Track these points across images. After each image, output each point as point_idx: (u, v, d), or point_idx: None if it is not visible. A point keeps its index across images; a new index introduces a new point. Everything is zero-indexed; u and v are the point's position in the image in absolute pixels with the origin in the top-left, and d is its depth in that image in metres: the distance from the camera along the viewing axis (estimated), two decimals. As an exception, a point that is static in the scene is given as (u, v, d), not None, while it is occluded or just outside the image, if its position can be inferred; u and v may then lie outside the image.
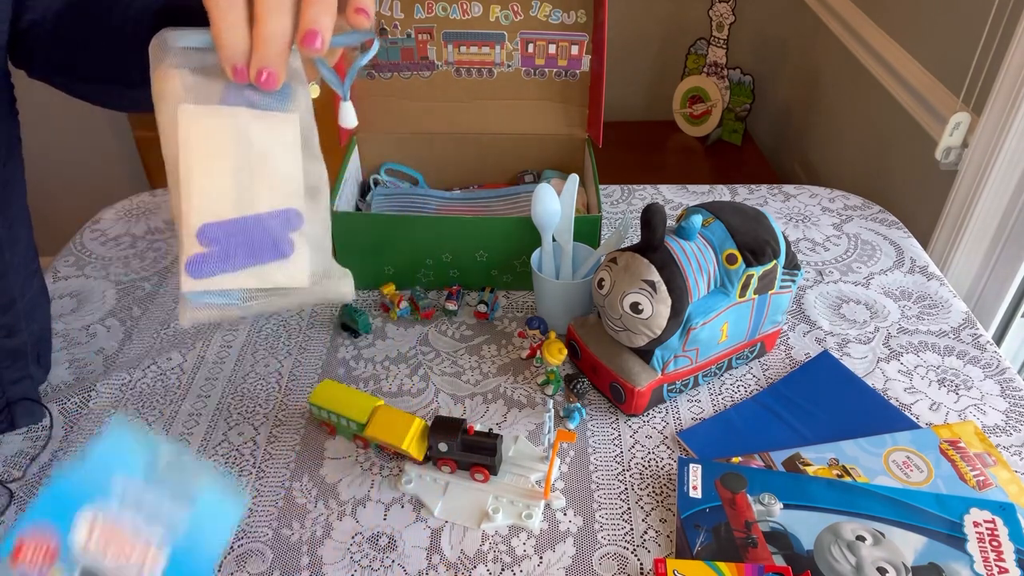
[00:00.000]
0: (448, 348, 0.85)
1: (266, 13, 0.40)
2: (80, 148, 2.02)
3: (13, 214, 0.69)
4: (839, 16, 1.51)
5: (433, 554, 0.64)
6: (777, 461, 0.69)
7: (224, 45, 0.40)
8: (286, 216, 0.42)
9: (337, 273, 0.45)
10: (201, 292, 0.41)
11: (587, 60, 0.97)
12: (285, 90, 0.43)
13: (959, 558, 0.59)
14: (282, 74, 0.41)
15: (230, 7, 0.40)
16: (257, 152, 0.42)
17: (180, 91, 0.41)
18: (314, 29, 0.39)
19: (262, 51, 0.40)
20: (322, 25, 0.40)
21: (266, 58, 0.40)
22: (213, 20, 0.40)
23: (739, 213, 0.74)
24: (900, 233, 1.03)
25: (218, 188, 0.41)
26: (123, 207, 1.11)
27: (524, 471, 0.69)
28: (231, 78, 0.41)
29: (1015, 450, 0.71)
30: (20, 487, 0.69)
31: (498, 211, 0.97)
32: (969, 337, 0.85)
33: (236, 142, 0.41)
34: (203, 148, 0.41)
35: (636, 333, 0.70)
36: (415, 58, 0.98)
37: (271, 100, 0.43)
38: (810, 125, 1.71)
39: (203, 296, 0.41)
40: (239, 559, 0.63)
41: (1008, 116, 0.97)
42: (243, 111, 0.42)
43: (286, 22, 0.40)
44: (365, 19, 0.42)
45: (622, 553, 0.64)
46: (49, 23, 0.62)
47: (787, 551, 0.60)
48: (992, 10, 1.01)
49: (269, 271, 0.42)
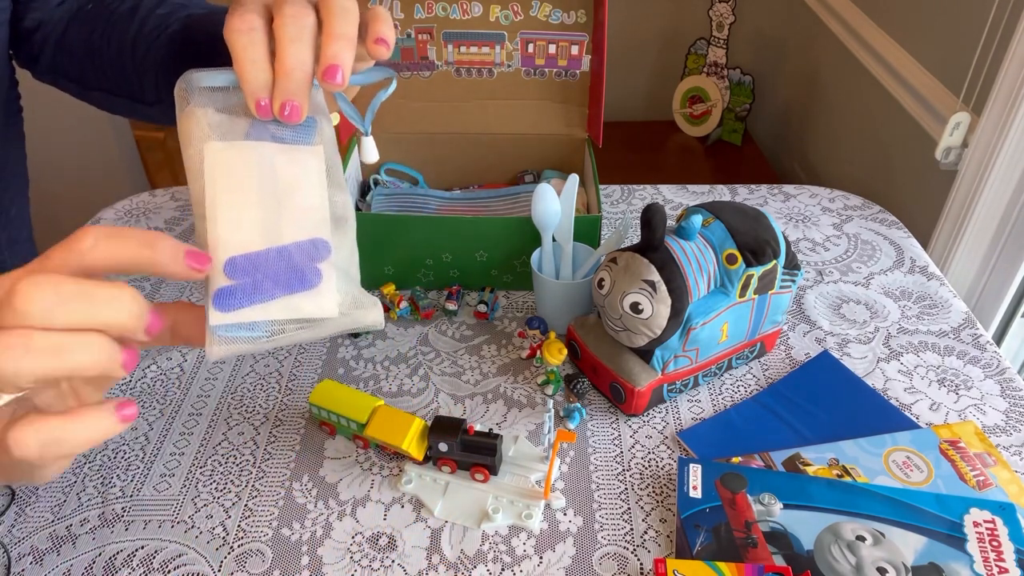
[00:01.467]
0: (448, 348, 0.85)
1: (287, 46, 0.40)
2: (80, 148, 2.02)
3: (13, 215, 0.69)
4: (839, 16, 1.51)
5: (433, 554, 0.64)
6: (777, 461, 0.69)
7: (247, 80, 0.40)
8: (313, 246, 0.42)
9: (367, 303, 0.44)
10: (228, 325, 0.40)
11: (587, 60, 0.97)
12: (309, 123, 0.43)
13: (959, 558, 0.59)
14: (305, 107, 0.41)
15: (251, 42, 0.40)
16: (283, 184, 0.42)
17: (206, 129, 0.41)
18: (335, 64, 0.40)
19: (284, 84, 0.40)
20: (343, 60, 0.40)
21: (288, 91, 0.40)
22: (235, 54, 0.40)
23: (739, 213, 0.74)
24: (900, 233, 1.03)
25: (245, 221, 0.41)
26: (123, 207, 1.11)
27: (524, 471, 0.69)
28: (255, 113, 0.41)
29: (1015, 450, 0.71)
30: (22, 487, 0.69)
31: (498, 211, 0.97)
32: (969, 337, 0.85)
33: (261, 175, 0.41)
34: (228, 182, 0.41)
35: (636, 333, 0.70)
36: (415, 58, 0.98)
37: (295, 134, 0.43)
38: (810, 125, 1.71)
39: (231, 329, 0.40)
40: (239, 559, 0.63)
41: (1008, 116, 0.97)
42: (268, 145, 0.42)
43: (307, 54, 0.40)
44: (385, 49, 0.42)
45: (622, 553, 0.64)
46: (57, 27, 0.62)
47: (787, 551, 0.60)
48: (992, 10, 1.01)
49: (298, 302, 0.41)
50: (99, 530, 0.66)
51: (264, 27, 0.40)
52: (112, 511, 0.67)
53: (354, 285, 0.44)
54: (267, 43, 0.40)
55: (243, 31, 0.39)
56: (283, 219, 0.41)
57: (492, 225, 0.86)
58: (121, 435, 0.74)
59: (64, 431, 0.34)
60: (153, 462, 0.72)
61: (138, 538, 0.65)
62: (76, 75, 0.63)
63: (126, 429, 0.38)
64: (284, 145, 0.42)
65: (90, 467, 0.71)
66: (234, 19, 0.40)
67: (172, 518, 0.67)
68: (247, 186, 0.41)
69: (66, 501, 0.68)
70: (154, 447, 0.73)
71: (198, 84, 0.42)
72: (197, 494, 0.69)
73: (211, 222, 0.40)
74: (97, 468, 0.71)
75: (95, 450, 0.72)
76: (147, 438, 0.74)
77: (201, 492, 0.69)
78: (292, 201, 0.42)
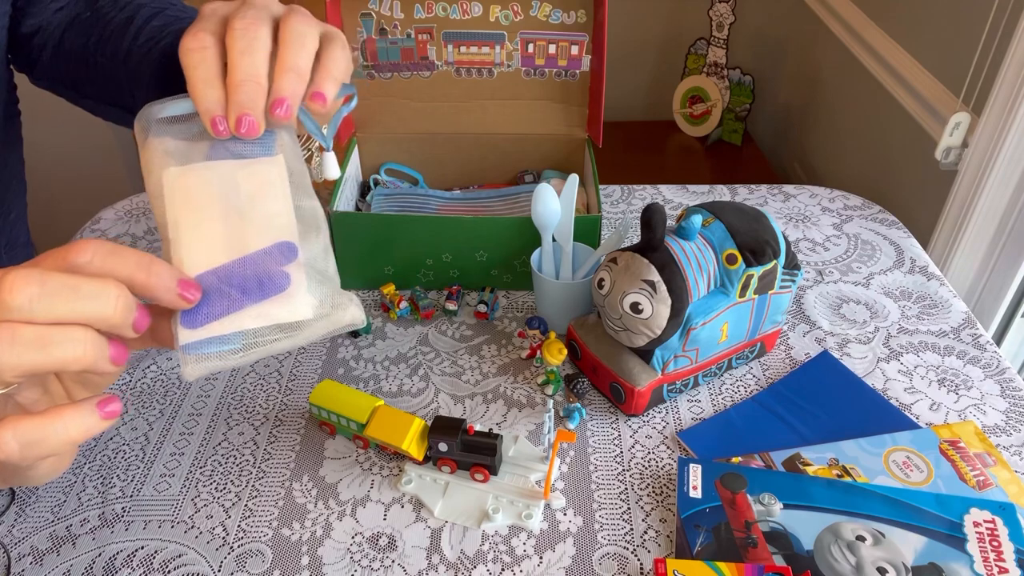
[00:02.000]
0: (448, 348, 0.85)
1: (236, 59, 0.40)
2: (80, 149, 2.02)
3: (12, 218, 0.69)
4: (839, 16, 1.51)
5: (433, 554, 0.64)
6: (777, 461, 0.69)
7: (199, 98, 0.40)
8: (279, 250, 0.41)
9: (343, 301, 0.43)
10: (199, 341, 0.39)
11: (587, 60, 0.97)
12: (268, 137, 0.43)
13: (959, 558, 0.59)
14: (261, 120, 0.40)
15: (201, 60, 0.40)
16: (245, 198, 0.42)
17: (164, 157, 0.41)
18: (281, 97, 0.40)
19: (235, 97, 0.40)
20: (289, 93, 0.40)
21: (240, 104, 0.40)
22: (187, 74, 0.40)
23: (739, 213, 0.74)
24: (900, 233, 1.03)
25: (208, 238, 0.40)
26: (123, 207, 1.11)
27: (524, 471, 0.69)
28: (211, 132, 0.40)
29: (1015, 450, 0.71)
30: (21, 488, 0.69)
31: (498, 211, 0.97)
32: (969, 337, 0.85)
33: (222, 192, 0.41)
34: (188, 204, 0.41)
35: (636, 333, 0.70)
36: (415, 58, 0.98)
37: (255, 148, 0.42)
38: (810, 125, 1.71)
39: (202, 346, 0.39)
40: (239, 559, 0.63)
41: (1008, 116, 0.97)
42: (227, 163, 0.42)
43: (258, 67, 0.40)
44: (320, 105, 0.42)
45: (622, 553, 0.64)
46: (55, 33, 0.62)
47: (787, 551, 0.60)
48: (992, 10, 1.01)
49: (268, 308, 0.40)
50: (99, 530, 0.66)
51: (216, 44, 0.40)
52: (112, 511, 0.67)
53: (330, 287, 0.43)
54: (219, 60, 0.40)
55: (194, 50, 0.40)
56: (247, 231, 0.41)
57: (492, 225, 0.86)
58: (121, 435, 0.74)
59: (44, 430, 0.34)
60: (153, 462, 0.72)
61: (138, 538, 0.65)
62: (71, 82, 0.63)
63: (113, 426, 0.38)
64: (244, 160, 0.42)
65: (90, 467, 0.71)
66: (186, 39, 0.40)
67: (172, 518, 0.67)
68: (207, 205, 0.41)
69: (66, 501, 0.68)
70: (154, 447, 0.73)
71: (156, 116, 0.42)
72: (197, 494, 0.69)
73: (175, 244, 0.40)
74: (97, 468, 0.71)
75: (95, 450, 0.72)
76: (147, 438, 0.74)
77: (201, 492, 0.69)
78: (255, 212, 0.42)
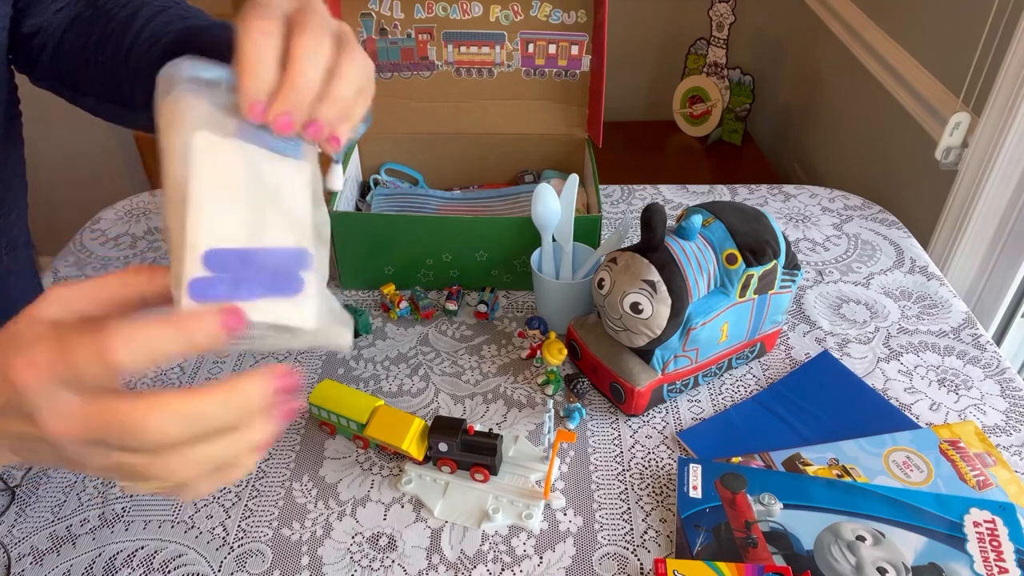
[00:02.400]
0: (448, 348, 0.85)
1: (304, 64, 0.39)
2: (80, 149, 2.03)
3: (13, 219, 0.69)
4: (839, 16, 1.51)
5: (433, 554, 0.64)
6: (777, 461, 0.69)
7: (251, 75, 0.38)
8: (298, 254, 0.41)
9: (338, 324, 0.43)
10: None
11: (587, 60, 0.97)
12: (296, 139, 0.42)
13: (959, 558, 0.59)
14: (298, 124, 0.40)
15: (267, 43, 0.38)
16: (269, 190, 0.41)
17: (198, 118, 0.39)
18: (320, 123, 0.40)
19: (290, 95, 0.39)
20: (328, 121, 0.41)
21: (291, 102, 0.39)
22: (244, 50, 0.38)
23: (739, 213, 0.74)
24: (900, 233, 1.03)
25: (229, 215, 0.39)
26: (123, 207, 1.11)
27: (524, 471, 0.69)
28: (247, 115, 0.39)
29: (1015, 450, 0.71)
30: (21, 488, 0.69)
31: (498, 211, 0.97)
32: (969, 337, 0.85)
33: (248, 176, 0.40)
34: (216, 174, 0.39)
35: (636, 333, 0.70)
36: (415, 58, 0.98)
37: (284, 145, 0.42)
38: (810, 125, 1.71)
39: None
40: (239, 559, 0.63)
41: (1008, 116, 0.97)
42: (257, 149, 0.41)
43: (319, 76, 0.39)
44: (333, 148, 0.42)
45: (622, 553, 0.64)
46: (55, 33, 0.62)
47: (787, 551, 0.60)
48: (992, 10, 1.01)
49: (277, 306, 0.40)
50: (99, 530, 0.66)
51: (281, 35, 0.39)
52: (112, 511, 0.67)
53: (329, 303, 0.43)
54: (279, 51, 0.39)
55: (262, 31, 0.38)
56: (267, 223, 0.41)
57: (492, 225, 0.86)
58: (121, 435, 0.74)
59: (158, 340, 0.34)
60: (153, 462, 0.72)
61: (138, 538, 0.65)
62: (71, 81, 0.62)
63: None
64: (272, 153, 0.41)
65: (90, 467, 0.71)
66: (254, 19, 0.38)
67: (172, 518, 0.67)
68: (234, 183, 0.40)
69: (66, 501, 0.68)
70: (154, 447, 0.73)
71: (188, 72, 0.40)
72: (197, 494, 0.69)
73: (194, 208, 0.38)
74: (97, 468, 0.71)
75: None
76: (147, 438, 0.74)
77: (201, 492, 0.69)
78: (276, 208, 0.41)
